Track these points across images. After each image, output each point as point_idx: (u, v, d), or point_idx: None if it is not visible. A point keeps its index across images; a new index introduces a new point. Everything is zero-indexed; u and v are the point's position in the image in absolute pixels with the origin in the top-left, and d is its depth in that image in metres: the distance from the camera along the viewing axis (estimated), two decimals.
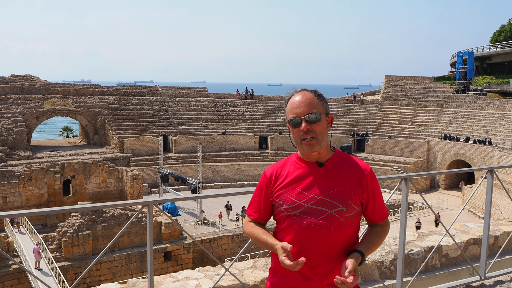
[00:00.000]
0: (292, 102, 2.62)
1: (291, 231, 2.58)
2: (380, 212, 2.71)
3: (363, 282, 4.70)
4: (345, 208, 2.54)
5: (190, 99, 57.17)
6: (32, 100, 48.59)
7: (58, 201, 36.92)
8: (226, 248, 32.47)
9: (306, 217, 2.54)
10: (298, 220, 2.56)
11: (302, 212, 2.55)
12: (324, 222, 2.52)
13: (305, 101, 2.58)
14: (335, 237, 2.54)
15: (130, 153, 47.35)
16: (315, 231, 2.52)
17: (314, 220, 2.53)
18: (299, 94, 2.63)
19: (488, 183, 4.85)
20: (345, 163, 2.66)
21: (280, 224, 2.65)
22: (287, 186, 2.62)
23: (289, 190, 2.61)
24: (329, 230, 2.52)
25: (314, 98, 2.61)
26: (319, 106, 2.59)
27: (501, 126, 45.43)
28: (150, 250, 3.40)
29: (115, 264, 27.78)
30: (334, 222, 2.52)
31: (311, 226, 2.53)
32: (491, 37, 67.27)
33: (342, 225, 2.54)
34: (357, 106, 58.54)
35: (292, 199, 2.58)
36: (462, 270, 5.25)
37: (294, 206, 2.57)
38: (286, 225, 2.60)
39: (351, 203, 2.56)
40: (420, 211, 37.67)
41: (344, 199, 2.54)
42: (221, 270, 4.47)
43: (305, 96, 2.60)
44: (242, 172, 49.09)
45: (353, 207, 2.57)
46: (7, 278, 25.22)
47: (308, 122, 2.54)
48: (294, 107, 2.59)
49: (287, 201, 2.59)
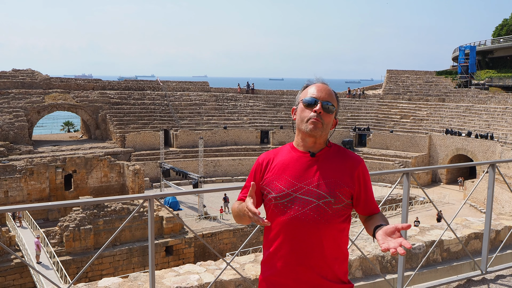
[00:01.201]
0: (312, 87, 2.64)
1: (278, 222, 2.55)
2: (373, 205, 2.67)
3: (365, 277, 4.71)
4: (333, 199, 2.50)
5: (191, 94, 57.13)
6: (33, 95, 48.60)
7: (59, 195, 37.02)
8: (228, 243, 32.53)
9: (293, 207, 2.51)
10: (285, 210, 2.53)
11: (289, 202, 2.52)
12: (311, 213, 2.48)
13: (327, 91, 2.62)
14: (322, 228, 2.49)
15: (132, 147, 47.39)
16: (302, 222, 2.49)
17: (301, 210, 2.50)
18: (322, 84, 2.66)
19: (489, 177, 4.84)
20: (338, 155, 2.64)
21: (268, 213, 2.63)
22: (276, 173, 2.60)
23: (278, 177, 2.58)
24: (316, 221, 2.48)
25: (333, 93, 2.66)
26: (335, 102, 2.64)
27: (503, 121, 45.35)
28: (151, 244, 3.40)
29: (117, 258, 27.86)
30: (322, 213, 2.48)
31: (298, 217, 2.49)
32: (494, 31, 67.00)
33: (330, 217, 2.50)
34: (358, 101, 58.44)
35: (281, 187, 2.55)
36: (464, 265, 5.25)
37: (282, 195, 2.54)
38: (274, 214, 2.57)
39: (340, 194, 2.52)
40: (422, 205, 37.69)
41: (333, 190, 2.51)
42: (222, 265, 4.48)
43: (327, 87, 2.65)
44: (243, 166, 49.11)
45: (341, 199, 2.53)
46: (9, 272, 25.34)
47: (323, 106, 2.57)
48: (316, 90, 2.61)
49: (275, 189, 2.56)
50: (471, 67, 56.78)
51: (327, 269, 2.52)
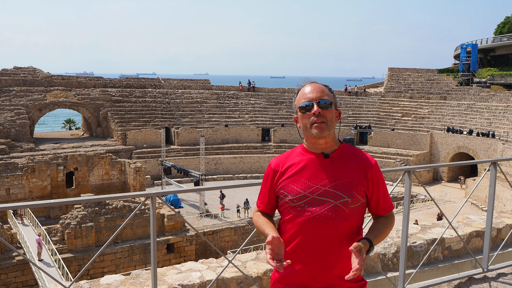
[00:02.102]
0: (303, 90, 2.67)
1: (295, 222, 2.57)
2: (384, 205, 2.71)
3: (366, 274, 4.71)
4: (350, 199, 2.54)
5: (193, 92, 57.11)
6: (34, 92, 48.64)
7: (61, 193, 37.07)
8: (229, 241, 32.56)
9: (310, 208, 2.54)
10: (302, 211, 2.55)
11: (306, 203, 2.55)
12: (329, 213, 2.52)
13: (318, 89, 2.64)
14: (340, 228, 2.53)
15: (133, 145, 47.43)
16: (320, 222, 2.52)
17: (319, 211, 2.52)
18: (310, 84, 2.69)
19: (491, 175, 4.84)
20: (351, 155, 2.67)
21: (285, 215, 2.65)
22: (291, 176, 2.62)
23: (293, 180, 2.61)
24: (334, 221, 2.52)
25: (325, 88, 2.68)
26: (330, 96, 2.65)
27: (504, 119, 45.27)
28: (153, 242, 3.41)
29: (118, 256, 27.91)
30: (339, 213, 2.52)
31: (316, 217, 2.52)
32: (495, 29, 66.85)
33: (347, 216, 2.54)
34: (360, 99, 58.38)
35: (297, 189, 2.58)
36: (465, 263, 5.25)
37: (299, 197, 2.56)
38: (291, 217, 2.60)
39: (356, 194, 2.56)
40: (423, 203, 37.68)
41: (350, 190, 2.54)
42: (224, 262, 4.49)
43: (317, 85, 2.67)
44: (244, 164, 49.14)
45: (358, 198, 2.57)
46: (10, 270, 25.40)
47: (319, 106, 2.58)
48: (306, 93, 2.64)
49: (292, 192, 2.59)
50: (472, 65, 56.67)
51: (344, 268, 2.53)
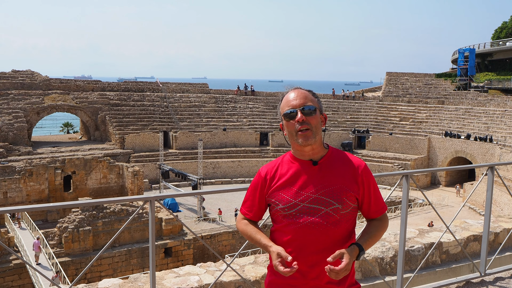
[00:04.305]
0: (287, 97, 2.67)
1: (289, 230, 2.58)
2: (376, 208, 2.71)
3: (364, 278, 4.72)
4: (341, 205, 2.55)
5: (191, 95, 57.14)
6: (32, 96, 48.60)
7: (58, 196, 36.99)
8: (227, 244, 32.52)
9: (302, 216, 2.55)
10: (295, 219, 2.56)
11: (298, 211, 2.56)
12: (320, 220, 2.53)
13: (301, 95, 2.63)
14: (332, 234, 2.55)
15: (131, 149, 47.39)
16: (311, 229, 2.53)
17: (310, 218, 2.53)
18: (294, 90, 2.68)
19: (488, 180, 4.86)
20: (339, 160, 2.66)
21: (277, 223, 2.66)
22: (282, 185, 2.63)
23: (284, 189, 2.61)
24: (325, 228, 2.53)
25: (308, 94, 2.66)
26: (314, 101, 2.64)
27: (502, 123, 45.39)
28: (152, 245, 3.41)
29: (116, 260, 27.83)
30: (330, 219, 2.53)
31: (308, 225, 2.53)
32: (493, 34, 67.11)
33: (338, 222, 2.55)
34: (358, 103, 58.47)
35: (288, 198, 2.58)
36: (462, 267, 5.26)
37: (290, 206, 2.57)
38: (283, 225, 2.61)
39: (347, 200, 2.57)
40: (421, 207, 37.70)
41: (339, 197, 2.55)
42: (222, 266, 4.49)
43: (300, 91, 2.66)
44: (242, 168, 49.12)
45: (348, 204, 2.58)
46: (7, 274, 25.30)
47: (303, 113, 2.57)
48: (290, 100, 2.63)
49: (282, 201, 2.60)
50: (470, 69, 56.83)
51: None
